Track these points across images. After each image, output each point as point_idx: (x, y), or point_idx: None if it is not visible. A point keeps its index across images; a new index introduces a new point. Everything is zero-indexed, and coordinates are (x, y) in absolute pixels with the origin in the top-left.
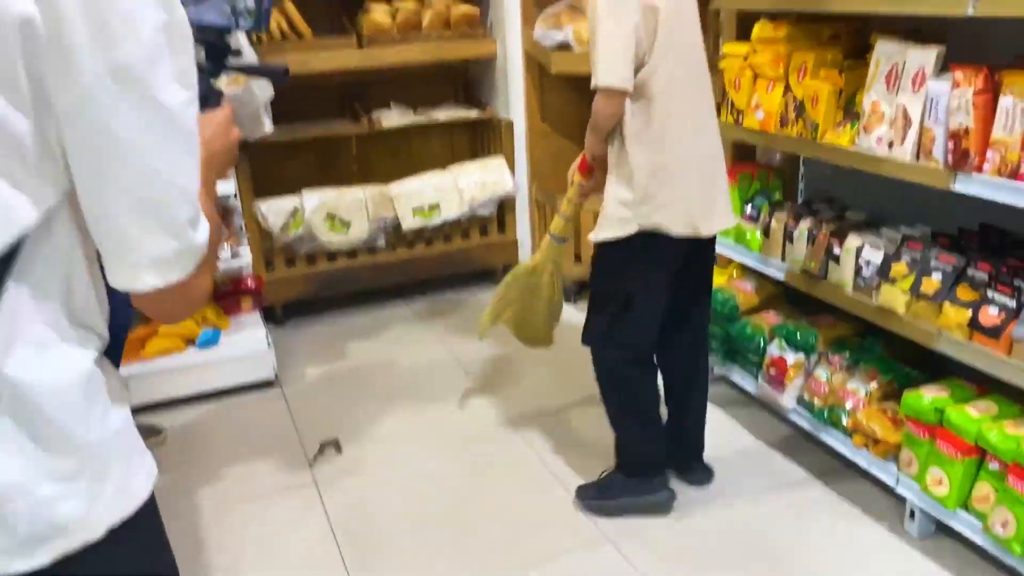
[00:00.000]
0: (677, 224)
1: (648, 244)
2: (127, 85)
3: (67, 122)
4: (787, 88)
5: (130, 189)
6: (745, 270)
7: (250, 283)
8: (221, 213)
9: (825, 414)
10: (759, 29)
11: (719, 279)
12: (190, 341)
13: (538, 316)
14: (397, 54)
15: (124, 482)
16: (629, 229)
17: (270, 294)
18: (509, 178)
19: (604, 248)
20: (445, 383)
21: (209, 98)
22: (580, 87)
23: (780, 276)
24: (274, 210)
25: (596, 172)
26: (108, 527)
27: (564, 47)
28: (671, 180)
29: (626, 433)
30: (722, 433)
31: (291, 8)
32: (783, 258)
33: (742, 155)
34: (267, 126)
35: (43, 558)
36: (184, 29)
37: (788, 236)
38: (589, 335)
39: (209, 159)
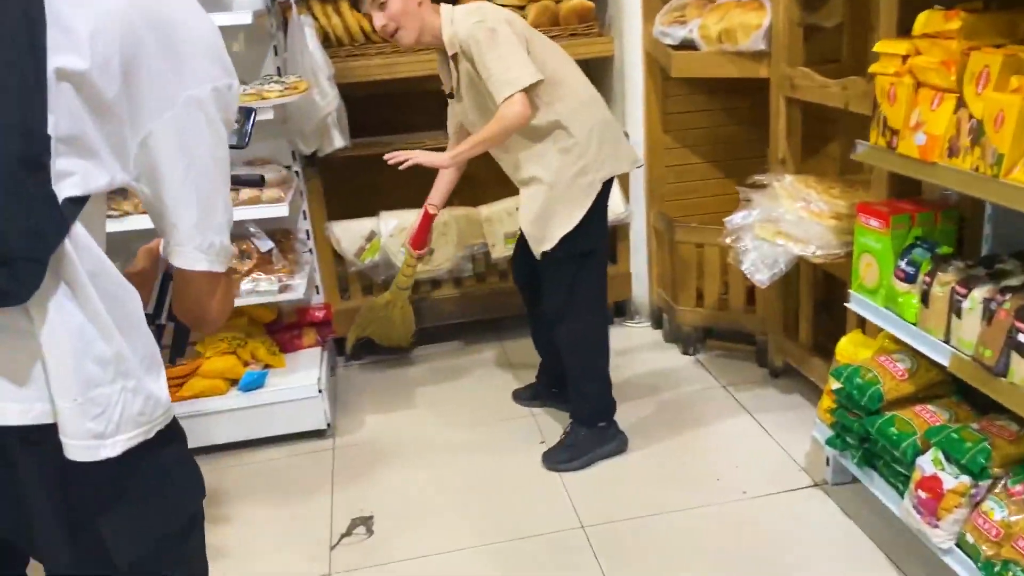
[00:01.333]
0: (624, 162)
1: (601, 196)
2: (201, 112)
3: (159, 135)
4: (960, 103)
5: (198, 188)
6: (897, 344)
7: (317, 314)
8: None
9: (996, 568)
10: (925, 20)
11: (864, 352)
12: (234, 383)
13: (396, 331)
14: None
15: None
16: (594, 192)
17: (343, 325)
18: (621, 200)
19: (565, 237)
20: (515, 449)
21: None
22: (711, 93)
23: (942, 361)
24: (348, 233)
25: (429, 238)
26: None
27: (688, 45)
28: (608, 128)
29: (596, 388)
30: (855, 558)
31: None
32: (947, 337)
33: (902, 190)
34: (337, 140)
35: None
36: (236, 93)
37: (955, 308)
38: (556, 305)
39: None
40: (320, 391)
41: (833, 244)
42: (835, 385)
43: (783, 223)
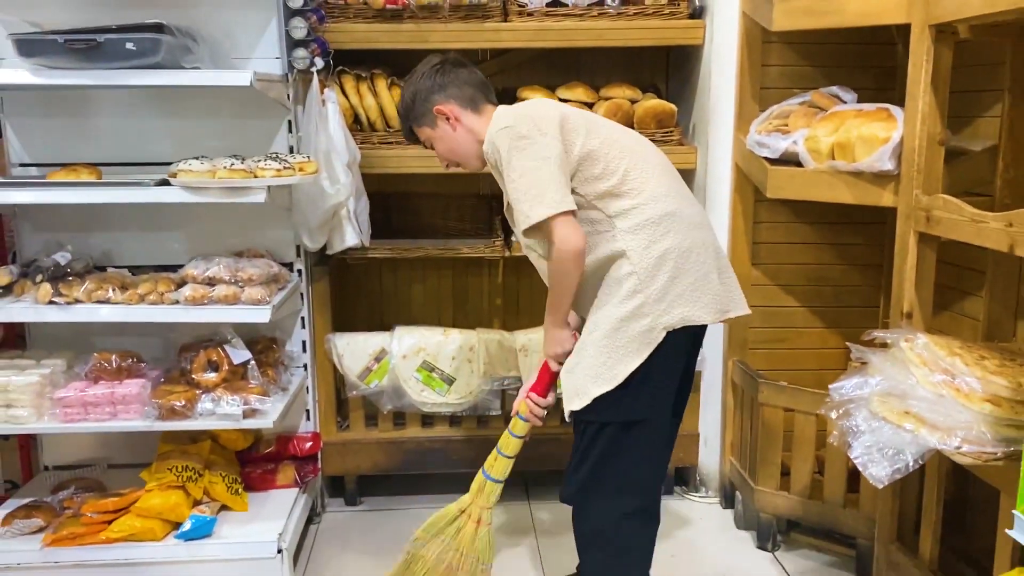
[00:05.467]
0: (706, 309)
1: (666, 349)
2: None
3: None
4: None
5: None
6: None
7: (304, 446)
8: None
9: None
10: None
11: None
12: (177, 526)
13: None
14: None
15: None
16: (651, 343)
17: (340, 461)
18: None
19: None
20: None
21: None
22: (815, 224)
23: None
24: (353, 349)
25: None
26: None
27: (789, 160)
28: (692, 257)
29: None
30: None
31: None
32: None
33: None
34: (350, 237)
35: None
36: None
37: None
38: (573, 486)
39: None
40: (280, 551)
41: (987, 439)
42: None
43: (914, 400)
